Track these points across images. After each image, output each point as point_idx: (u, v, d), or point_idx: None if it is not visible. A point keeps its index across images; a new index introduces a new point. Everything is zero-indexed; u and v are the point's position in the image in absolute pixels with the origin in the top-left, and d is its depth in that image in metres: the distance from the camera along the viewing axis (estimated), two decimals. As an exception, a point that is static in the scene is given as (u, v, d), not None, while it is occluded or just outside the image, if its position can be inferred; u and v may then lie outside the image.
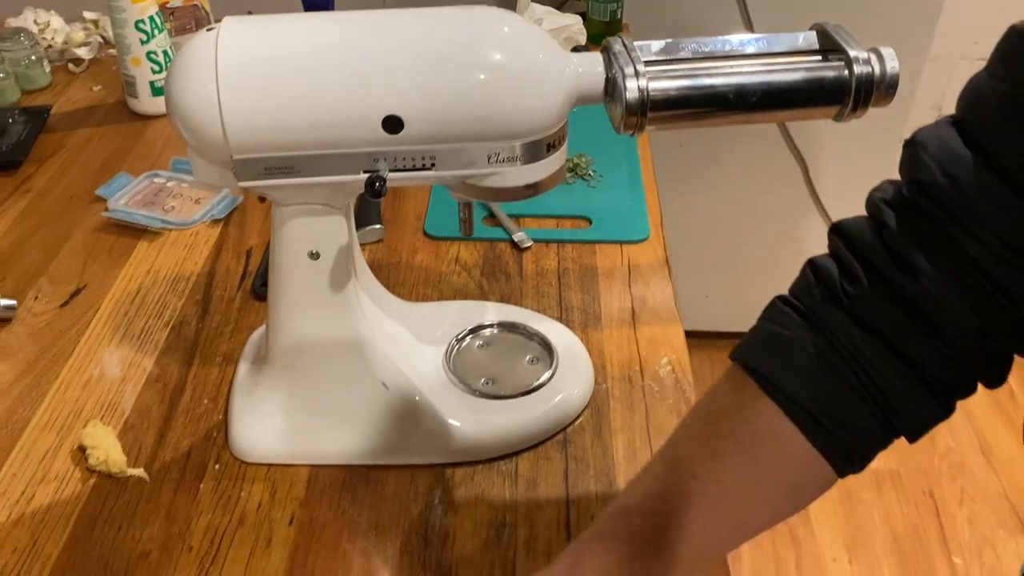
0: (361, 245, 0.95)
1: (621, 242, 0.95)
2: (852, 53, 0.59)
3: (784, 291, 0.55)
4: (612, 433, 0.74)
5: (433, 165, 0.60)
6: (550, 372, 0.77)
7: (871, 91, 0.59)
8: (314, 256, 0.65)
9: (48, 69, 1.27)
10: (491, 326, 0.82)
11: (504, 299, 0.88)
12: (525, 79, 0.58)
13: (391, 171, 0.60)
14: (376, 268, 0.92)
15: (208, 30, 0.58)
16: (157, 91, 1.17)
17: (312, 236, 0.64)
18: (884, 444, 0.52)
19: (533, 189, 0.63)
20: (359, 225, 0.96)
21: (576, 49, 1.29)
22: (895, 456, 1.73)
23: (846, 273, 0.51)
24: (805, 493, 0.53)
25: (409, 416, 0.71)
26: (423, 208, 1.01)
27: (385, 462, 0.71)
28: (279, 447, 0.71)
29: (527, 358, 0.79)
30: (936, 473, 1.74)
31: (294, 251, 0.65)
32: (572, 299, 0.88)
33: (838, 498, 1.69)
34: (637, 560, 0.51)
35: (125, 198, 1.02)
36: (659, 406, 0.76)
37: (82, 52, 1.31)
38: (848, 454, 0.51)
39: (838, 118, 0.62)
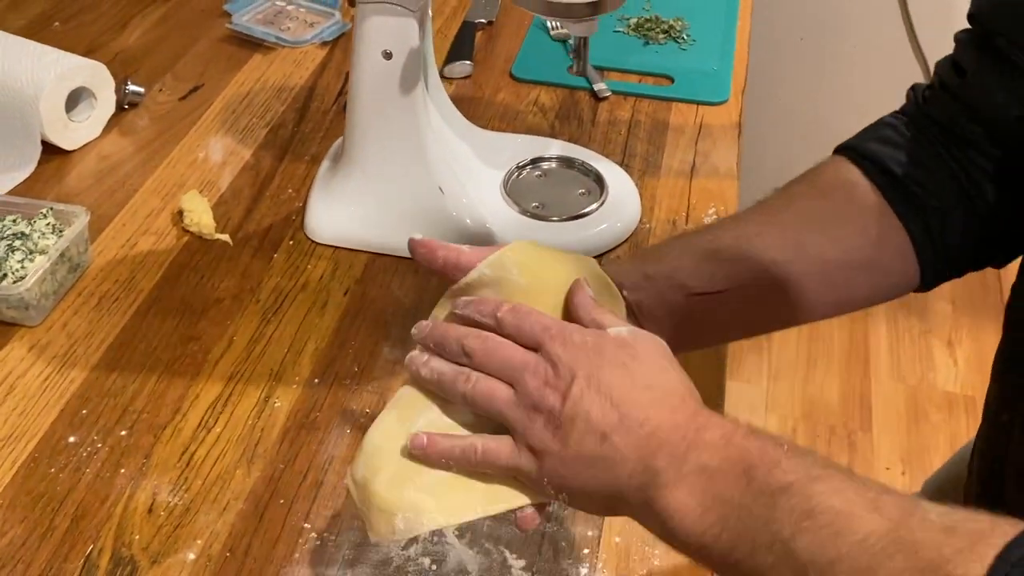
0: (448, 79, 1.01)
1: (698, 102, 0.98)
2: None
3: None
4: (645, 264, 0.79)
5: (498, -26, 0.65)
6: (597, 204, 0.82)
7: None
8: (387, 55, 0.72)
9: None
10: (551, 159, 0.87)
11: (572, 141, 0.93)
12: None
13: (460, -23, 0.65)
14: (458, 101, 0.98)
15: None
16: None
17: (386, 35, 0.71)
18: (964, 236, 0.57)
19: (593, 8, 0.67)
20: (450, 60, 1.02)
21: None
22: (973, 382, 1.71)
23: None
24: (878, 251, 0.57)
25: (460, 220, 0.78)
26: (514, 51, 1.06)
27: (434, 258, 0.79)
28: (345, 232, 0.80)
29: (579, 191, 0.84)
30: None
31: (370, 49, 0.72)
32: (637, 148, 0.92)
33: (905, 413, 1.69)
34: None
35: (248, 15, 1.11)
36: (696, 247, 0.80)
37: None
38: (927, 223, 0.56)
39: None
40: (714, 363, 0.72)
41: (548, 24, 1.08)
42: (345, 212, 0.80)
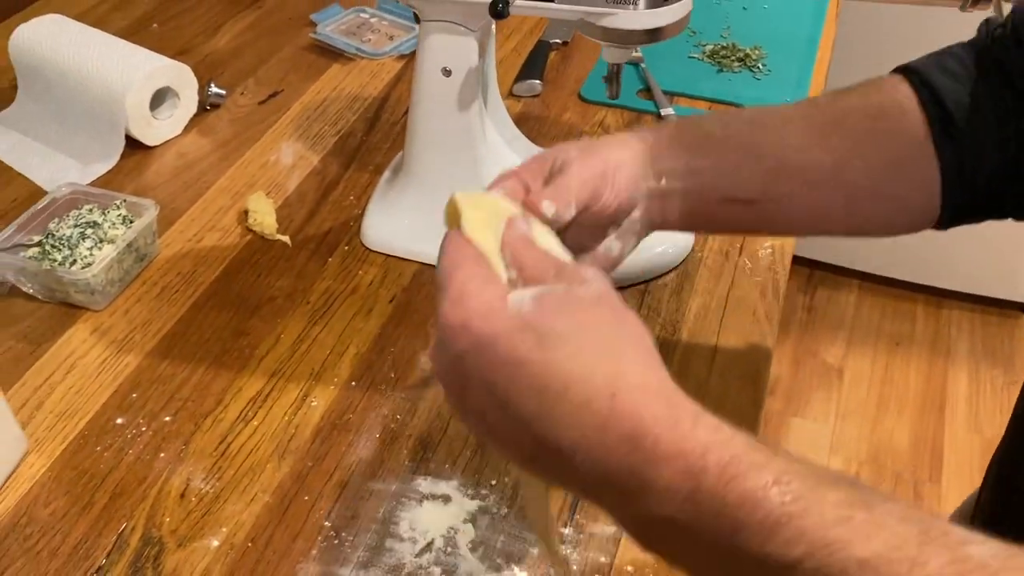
0: (517, 97, 1.03)
1: (765, 133, 0.97)
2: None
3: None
4: (692, 294, 0.78)
5: (554, -1, 0.66)
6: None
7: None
8: (446, 72, 0.73)
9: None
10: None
11: (633, 163, 0.93)
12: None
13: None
14: (524, 118, 0.99)
15: None
16: (381, -63, 1.28)
17: (446, 53, 0.72)
18: (992, 182, 0.55)
19: (650, 36, 0.68)
20: (520, 78, 1.04)
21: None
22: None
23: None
24: (908, 187, 0.57)
25: (509, 236, 0.79)
26: (586, 73, 1.07)
27: (481, 272, 0.80)
28: (397, 241, 0.82)
29: (634, 214, 0.84)
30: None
31: (430, 65, 0.74)
32: (698, 175, 0.91)
33: (979, 467, 1.61)
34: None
35: (332, 25, 1.15)
36: (745, 281, 0.80)
37: None
38: (962, 163, 0.55)
39: (962, 7, 0.61)
40: (751, 388, 0.70)
41: (622, 47, 1.08)
42: (399, 222, 0.82)
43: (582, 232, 0.55)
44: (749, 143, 0.57)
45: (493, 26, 0.78)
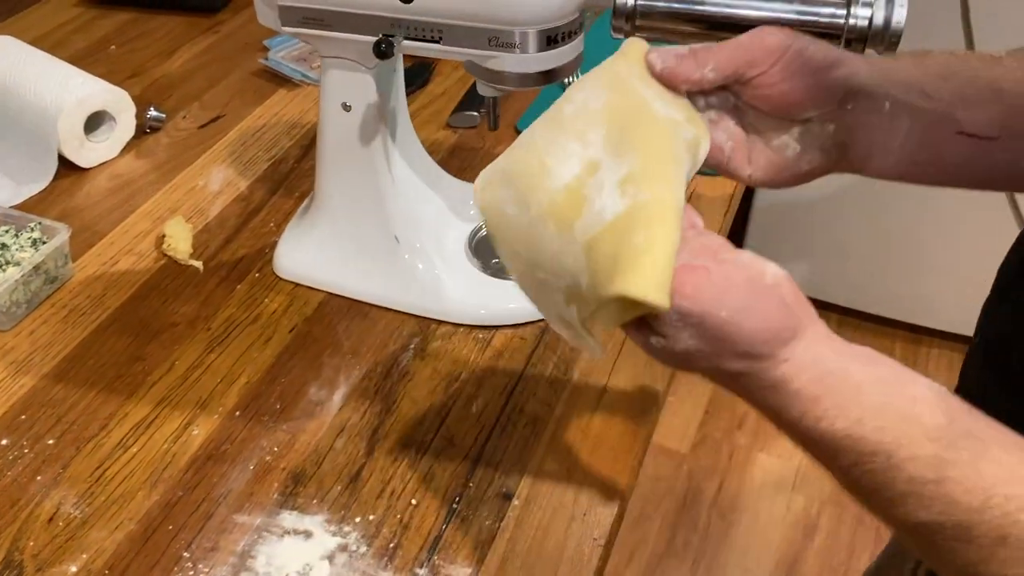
0: (454, 128, 1.03)
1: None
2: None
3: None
4: (592, 332, 0.78)
5: (440, 39, 0.67)
6: (558, 266, 0.82)
7: (864, 39, 0.58)
8: (346, 108, 0.74)
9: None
10: (525, 216, 0.88)
11: (557, 198, 0.93)
12: (528, -29, 0.62)
13: (405, 39, 0.67)
14: (458, 149, 1.00)
15: None
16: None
17: (344, 89, 0.73)
18: None
19: (534, 79, 0.68)
20: (458, 109, 1.04)
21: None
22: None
23: None
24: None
25: (412, 268, 0.79)
26: (524, 106, 1.07)
27: (384, 304, 0.80)
28: (306, 270, 0.82)
29: (545, 250, 0.84)
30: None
31: (331, 101, 0.74)
32: (619, 212, 0.91)
33: None
34: None
35: (284, 52, 1.16)
36: (647, 321, 0.79)
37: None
38: None
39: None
40: (632, 433, 0.70)
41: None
42: (309, 251, 0.83)
43: (759, 118, 0.53)
44: (989, 78, 0.52)
45: (399, 62, 0.79)
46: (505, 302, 0.80)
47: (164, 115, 1.03)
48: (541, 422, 0.70)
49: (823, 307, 1.91)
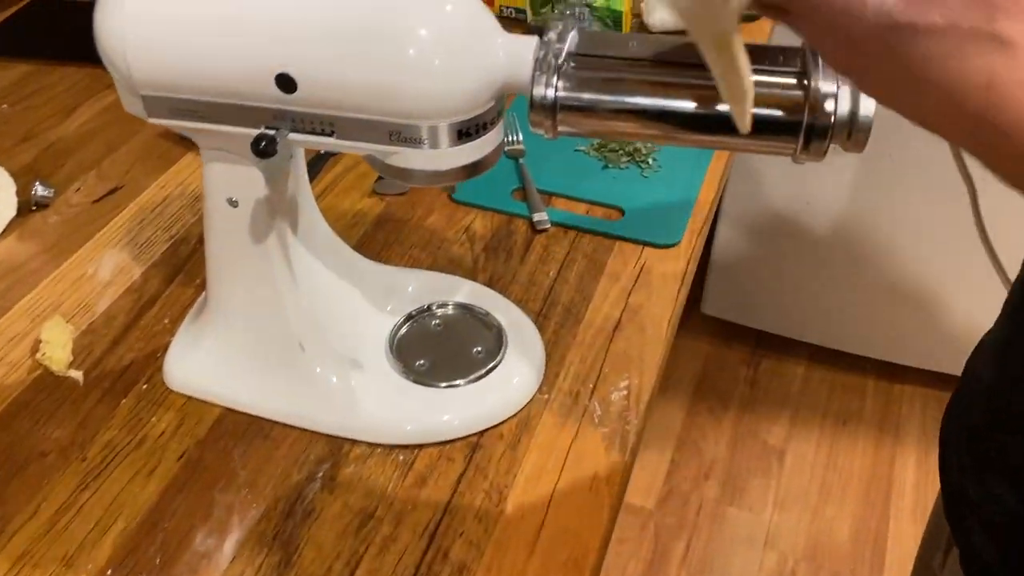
0: (381, 195, 0.93)
1: (644, 243, 0.87)
2: (815, 84, 0.49)
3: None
4: (528, 450, 0.68)
5: (333, 133, 0.56)
6: (489, 367, 0.72)
7: (826, 134, 0.49)
8: (232, 203, 0.64)
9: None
10: (453, 306, 0.78)
11: (492, 280, 0.83)
12: (429, 55, 0.52)
13: (292, 132, 0.57)
14: (385, 219, 0.90)
15: (138, -41, 0.57)
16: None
17: (229, 183, 0.63)
18: None
19: (449, 176, 0.58)
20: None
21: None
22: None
23: None
24: None
25: (321, 383, 0.69)
26: (459, 168, 0.97)
27: (289, 422, 0.70)
28: (200, 382, 0.72)
29: (476, 348, 0.74)
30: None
31: (215, 195, 0.64)
32: (561, 295, 0.82)
33: (925, 565, 1.50)
34: None
35: (195, 108, 1.06)
36: (591, 433, 0.69)
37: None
38: None
39: (792, 156, 0.52)
40: (575, 591, 0.60)
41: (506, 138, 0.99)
42: (203, 359, 0.72)
43: None
44: None
45: (302, 155, 0.69)
46: (432, 414, 0.70)
47: (53, 190, 0.92)
48: (468, 572, 0.60)
49: (793, 345, 1.84)
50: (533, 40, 0.55)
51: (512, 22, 1.24)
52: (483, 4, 0.56)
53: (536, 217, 0.90)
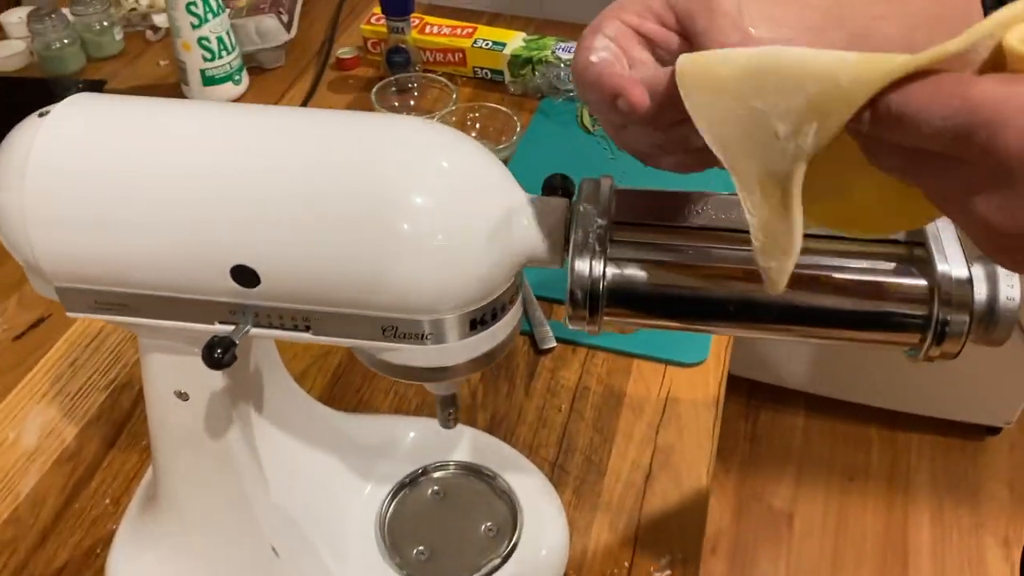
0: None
1: (666, 362, 0.75)
2: (941, 268, 0.37)
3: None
4: (560, 661, 0.56)
5: (308, 328, 0.44)
6: (504, 551, 0.60)
7: (963, 330, 0.38)
8: (182, 397, 0.51)
9: (120, 36, 1.18)
10: (454, 467, 0.65)
11: (495, 423, 0.71)
12: (428, 230, 0.40)
13: (255, 327, 0.44)
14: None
15: (40, 115, 0.43)
16: (208, 80, 1.05)
17: (177, 376, 0.50)
18: None
19: (459, 370, 0.46)
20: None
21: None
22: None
23: None
24: None
25: (302, 592, 0.56)
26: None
27: (264, 643, 0.57)
28: (150, 594, 0.58)
29: (485, 524, 0.62)
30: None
31: (160, 388, 0.51)
32: (578, 438, 0.70)
33: None
34: None
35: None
36: (634, 633, 0.58)
37: (159, 20, 1.22)
38: None
39: (912, 354, 0.40)
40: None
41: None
42: (154, 565, 0.59)
43: None
44: (832, 4, 0.46)
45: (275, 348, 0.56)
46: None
47: (-36, 329, 0.78)
48: None
49: (789, 395, 1.74)
50: (561, 203, 0.43)
51: (489, 84, 1.11)
52: (490, 154, 0.44)
53: (538, 334, 0.77)
